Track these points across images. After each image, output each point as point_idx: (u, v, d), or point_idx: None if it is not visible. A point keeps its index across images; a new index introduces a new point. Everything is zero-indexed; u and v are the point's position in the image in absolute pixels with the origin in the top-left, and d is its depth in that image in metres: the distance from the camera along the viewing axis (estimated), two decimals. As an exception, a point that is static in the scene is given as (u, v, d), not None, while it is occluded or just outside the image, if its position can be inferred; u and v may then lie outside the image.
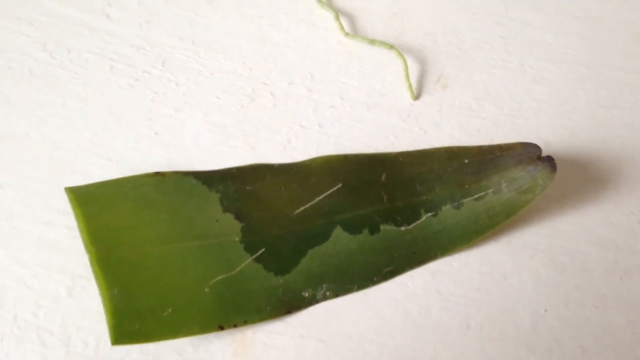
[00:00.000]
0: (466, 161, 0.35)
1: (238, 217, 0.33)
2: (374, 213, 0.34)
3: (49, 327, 0.32)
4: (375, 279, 0.34)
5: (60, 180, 0.34)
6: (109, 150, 0.35)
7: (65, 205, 0.34)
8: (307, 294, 0.33)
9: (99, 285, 0.30)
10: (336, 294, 0.33)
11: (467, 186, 0.35)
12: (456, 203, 0.35)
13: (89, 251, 0.31)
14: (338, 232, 0.34)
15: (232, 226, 0.33)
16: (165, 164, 0.35)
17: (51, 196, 0.34)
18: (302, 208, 0.34)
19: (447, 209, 0.35)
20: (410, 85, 0.38)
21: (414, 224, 0.34)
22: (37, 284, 0.32)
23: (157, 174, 0.34)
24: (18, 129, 0.36)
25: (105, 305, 0.30)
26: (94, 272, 0.30)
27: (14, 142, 0.36)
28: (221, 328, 0.31)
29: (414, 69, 0.39)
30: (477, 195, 0.34)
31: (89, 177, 0.34)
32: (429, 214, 0.35)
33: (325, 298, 0.33)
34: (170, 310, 0.30)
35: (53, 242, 0.33)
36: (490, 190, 0.34)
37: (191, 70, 0.39)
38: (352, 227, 0.34)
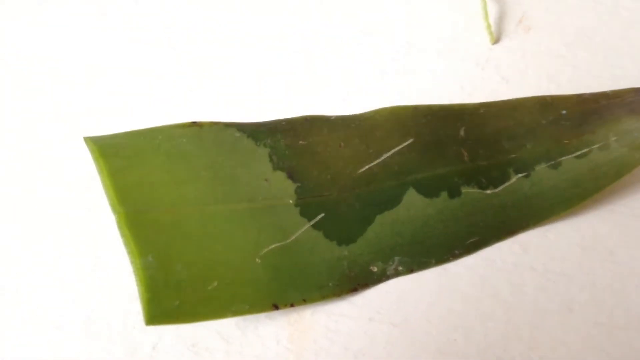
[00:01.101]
0: (564, 112, 0.30)
1: (291, 176, 0.29)
2: (453, 173, 0.29)
3: (67, 308, 0.26)
4: (456, 251, 0.29)
5: (76, 131, 0.29)
6: (130, 97, 0.30)
7: (83, 160, 0.29)
8: (376, 269, 0.28)
9: (130, 252, 0.25)
10: (410, 269, 0.28)
11: (565, 142, 0.30)
12: (553, 162, 0.30)
13: (116, 212, 0.26)
14: (411, 196, 0.29)
15: (284, 187, 0.28)
16: (202, 113, 0.30)
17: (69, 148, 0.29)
18: (367, 167, 0.29)
19: (541, 169, 0.29)
20: (489, 26, 0.33)
21: (501, 187, 0.29)
22: (54, 255, 0.27)
23: (194, 124, 0.29)
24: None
25: (137, 275, 0.25)
26: (124, 236, 0.25)
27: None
28: (275, 307, 0.26)
29: (492, 8, 0.34)
30: (578, 153, 0.29)
31: (108, 128, 0.29)
32: (520, 175, 0.29)
33: (397, 274, 0.28)
34: (215, 283, 0.26)
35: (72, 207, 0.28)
36: (595, 146, 0.29)
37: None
38: (428, 190, 0.29)
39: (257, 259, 0.27)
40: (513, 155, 0.30)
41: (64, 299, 0.28)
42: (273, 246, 0.27)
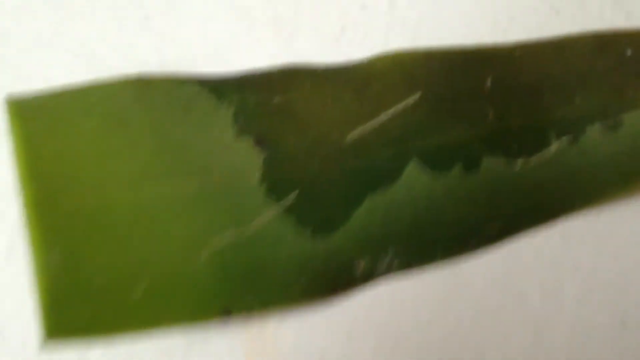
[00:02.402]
0: (629, 53, 0.24)
1: (259, 142, 0.23)
2: (472, 138, 0.24)
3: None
4: (471, 242, 0.23)
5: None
6: (73, 42, 0.25)
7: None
8: (362, 265, 0.23)
9: (31, 245, 0.21)
10: (408, 265, 0.23)
11: (630, 94, 0.23)
12: (611, 121, 0.24)
13: (23, 190, 0.21)
14: (414, 169, 0.23)
15: (249, 156, 0.23)
16: (156, 63, 0.25)
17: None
18: (359, 131, 0.24)
19: (594, 132, 0.24)
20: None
21: (537, 155, 0.23)
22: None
23: (140, 78, 0.24)
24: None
25: (37, 275, 0.20)
26: (27, 224, 0.21)
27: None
28: (227, 313, 0.22)
29: None
30: (647, 109, 0.23)
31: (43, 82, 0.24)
32: (564, 140, 0.23)
33: (390, 270, 0.23)
34: (143, 286, 0.21)
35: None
36: (672, 101, 0.23)
37: None
38: (437, 161, 0.23)
39: (203, 253, 0.22)
40: (556, 113, 0.24)
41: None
42: (226, 236, 0.22)
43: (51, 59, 0.25)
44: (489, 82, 0.24)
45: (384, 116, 0.24)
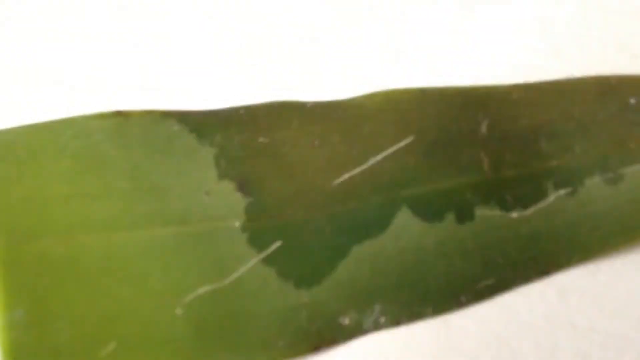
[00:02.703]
0: (632, 101, 0.23)
1: (242, 187, 0.22)
2: (465, 187, 0.23)
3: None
4: (463, 298, 0.22)
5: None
6: (46, 75, 0.24)
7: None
8: (347, 321, 0.22)
9: None
10: (396, 321, 0.22)
11: (631, 145, 0.23)
12: (611, 174, 0.23)
13: (-13, 242, 0.20)
14: (404, 218, 0.22)
15: (231, 203, 0.22)
16: (134, 97, 0.24)
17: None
18: (347, 175, 0.23)
19: (594, 184, 0.23)
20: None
21: (534, 208, 0.23)
22: None
23: (118, 113, 0.22)
24: None
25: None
26: (-10, 279, 0.20)
27: None
28: None
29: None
30: (650, 162, 0.22)
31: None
32: (563, 192, 0.23)
33: (377, 327, 0.22)
34: (113, 346, 0.20)
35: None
36: (676, 155, 0.22)
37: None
38: (428, 210, 0.22)
39: (177, 309, 0.20)
40: (554, 163, 0.23)
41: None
42: (203, 289, 0.21)
43: (22, 93, 0.24)
44: (484, 127, 0.23)
45: (373, 160, 0.23)
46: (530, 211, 0.22)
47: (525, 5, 0.25)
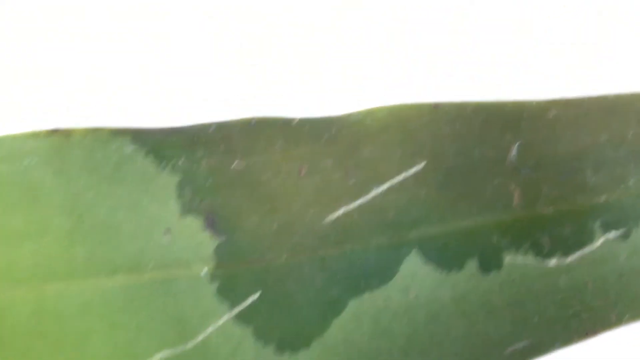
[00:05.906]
0: None
1: (211, 224, 0.20)
2: (491, 227, 0.21)
3: None
4: None
5: None
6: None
7: None
8: None
9: None
10: None
11: None
12: None
13: None
14: (413, 264, 0.21)
15: (197, 244, 0.20)
16: (79, 113, 0.22)
17: None
18: (343, 211, 0.21)
19: None
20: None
21: (577, 254, 0.21)
22: None
23: (56, 132, 0.21)
24: None
25: None
26: None
27: None
28: None
29: None
30: None
31: None
32: (612, 234, 0.21)
33: None
34: None
35: None
36: None
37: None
38: (444, 255, 0.21)
39: (127, 382, 0.18)
40: (602, 198, 0.21)
41: None
42: (161, 355, 0.19)
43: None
44: (514, 152, 0.21)
45: (375, 192, 0.21)
46: (572, 258, 0.21)
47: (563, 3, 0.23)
